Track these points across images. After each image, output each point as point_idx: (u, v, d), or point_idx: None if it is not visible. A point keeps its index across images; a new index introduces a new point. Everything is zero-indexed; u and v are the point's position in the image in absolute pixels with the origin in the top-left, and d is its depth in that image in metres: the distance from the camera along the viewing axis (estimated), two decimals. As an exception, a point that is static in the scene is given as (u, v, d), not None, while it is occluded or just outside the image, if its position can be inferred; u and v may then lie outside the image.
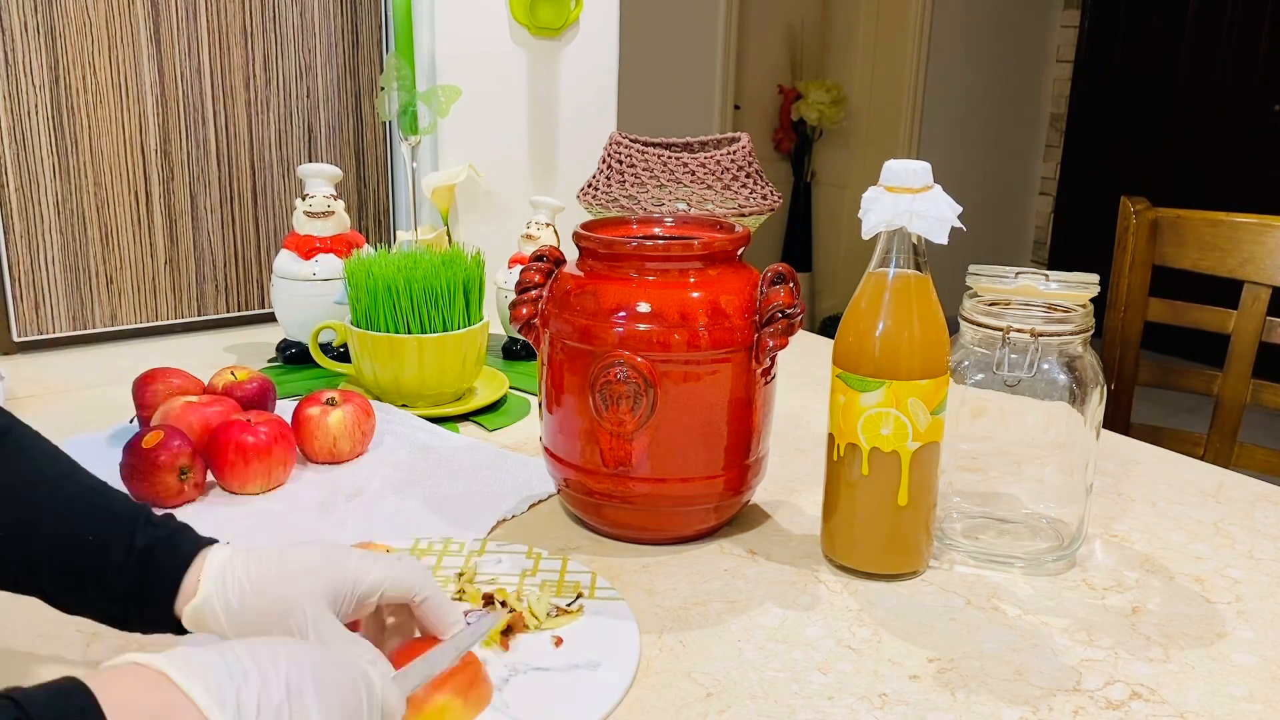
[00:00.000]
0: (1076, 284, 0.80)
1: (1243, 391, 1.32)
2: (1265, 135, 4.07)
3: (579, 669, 0.67)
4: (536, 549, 0.83)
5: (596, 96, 1.72)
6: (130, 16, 1.34)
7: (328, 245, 1.27)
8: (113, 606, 0.63)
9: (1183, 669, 0.70)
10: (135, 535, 0.62)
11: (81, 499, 0.64)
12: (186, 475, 0.89)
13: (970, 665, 0.70)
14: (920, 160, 0.75)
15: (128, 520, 0.63)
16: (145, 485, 0.87)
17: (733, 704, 0.65)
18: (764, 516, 0.91)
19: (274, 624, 0.60)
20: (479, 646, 0.67)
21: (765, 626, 0.74)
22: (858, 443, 0.78)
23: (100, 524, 0.63)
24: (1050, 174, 4.77)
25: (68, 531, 0.62)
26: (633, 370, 0.79)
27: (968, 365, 0.82)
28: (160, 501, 0.88)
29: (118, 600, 0.62)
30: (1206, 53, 4.21)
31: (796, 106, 4.26)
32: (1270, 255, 1.30)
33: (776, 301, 0.80)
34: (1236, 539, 0.89)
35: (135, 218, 1.39)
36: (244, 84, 1.44)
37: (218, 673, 0.49)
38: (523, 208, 1.39)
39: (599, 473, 0.83)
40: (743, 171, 1.23)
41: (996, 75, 4.51)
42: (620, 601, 0.76)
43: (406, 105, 1.37)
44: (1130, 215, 1.38)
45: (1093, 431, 0.82)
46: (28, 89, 1.30)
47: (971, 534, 0.85)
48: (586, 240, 0.84)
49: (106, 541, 0.62)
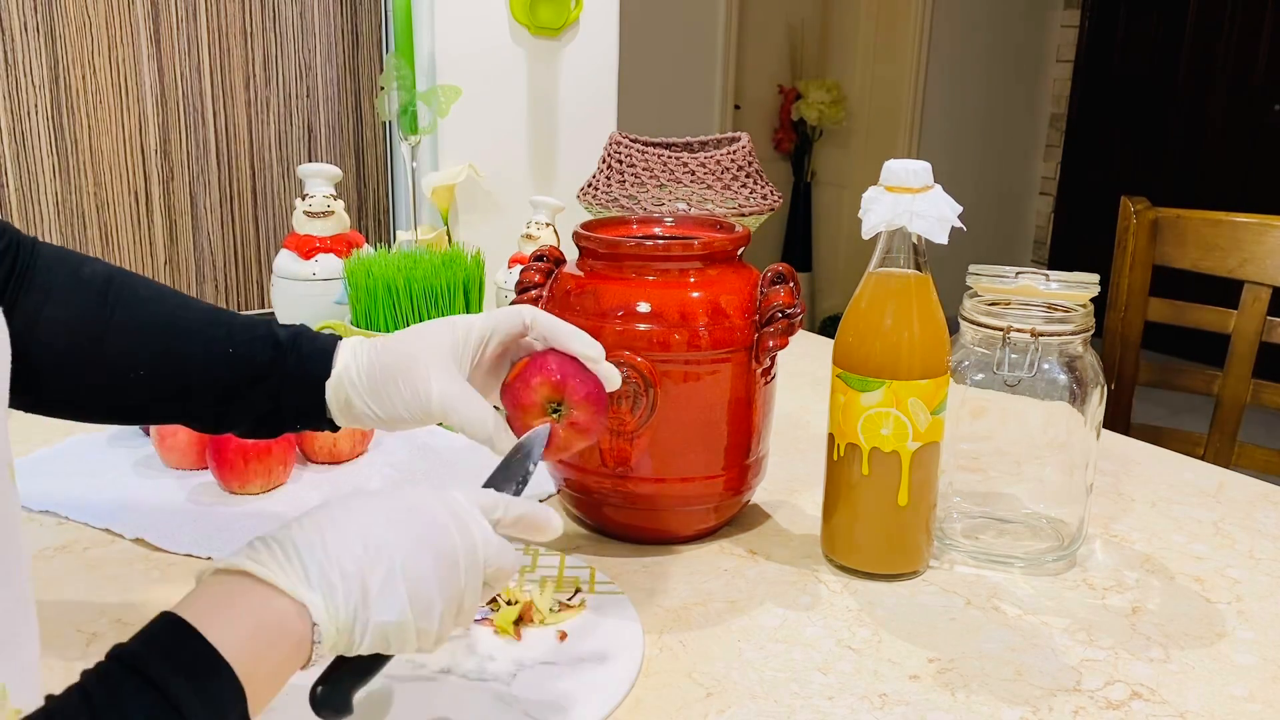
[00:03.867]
0: (1077, 284, 0.80)
1: (1243, 391, 1.32)
2: (1265, 135, 4.07)
3: (585, 663, 0.68)
4: (534, 546, 0.83)
5: (596, 96, 1.72)
6: (130, 16, 1.34)
7: (328, 245, 1.27)
8: (264, 404, 0.68)
9: (1183, 669, 0.70)
10: (274, 333, 0.69)
11: (206, 318, 0.69)
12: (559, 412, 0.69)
13: (970, 665, 0.70)
14: (920, 160, 0.75)
15: (256, 325, 0.70)
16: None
17: (733, 704, 0.65)
18: (764, 516, 0.91)
19: (401, 379, 0.65)
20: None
21: (765, 626, 0.74)
22: (858, 443, 0.78)
23: (234, 335, 0.68)
24: (1050, 174, 4.77)
25: (207, 350, 0.67)
26: (633, 370, 0.79)
27: (968, 365, 0.82)
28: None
29: (270, 396, 0.68)
30: (1206, 53, 4.21)
31: (796, 106, 4.26)
32: (1270, 255, 1.30)
33: (776, 301, 0.80)
34: (1237, 539, 0.89)
35: (135, 218, 1.39)
36: (244, 84, 1.44)
37: (297, 554, 0.50)
38: (523, 208, 1.39)
39: (599, 473, 0.83)
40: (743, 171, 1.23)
41: (996, 75, 4.51)
42: (621, 595, 0.76)
43: (406, 105, 1.37)
44: (1130, 215, 1.38)
45: (1093, 431, 0.82)
46: (28, 89, 1.30)
47: (971, 534, 0.85)
48: (586, 240, 0.84)
49: (249, 348, 0.68)
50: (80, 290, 0.67)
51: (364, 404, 0.67)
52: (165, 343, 0.68)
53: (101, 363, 0.66)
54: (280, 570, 0.49)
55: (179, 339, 0.68)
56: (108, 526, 0.85)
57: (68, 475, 0.94)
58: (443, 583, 0.53)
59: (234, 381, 0.68)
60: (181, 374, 0.68)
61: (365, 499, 0.54)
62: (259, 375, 0.68)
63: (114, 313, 0.67)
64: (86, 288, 0.67)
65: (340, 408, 0.68)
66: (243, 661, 0.46)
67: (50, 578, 0.78)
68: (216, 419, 0.70)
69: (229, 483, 0.91)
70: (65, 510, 0.88)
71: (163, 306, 0.69)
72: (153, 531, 0.84)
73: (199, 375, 0.68)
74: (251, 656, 0.47)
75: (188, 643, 0.46)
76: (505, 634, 0.70)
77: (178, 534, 0.84)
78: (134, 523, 0.85)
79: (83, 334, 0.66)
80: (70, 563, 0.81)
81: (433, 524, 0.53)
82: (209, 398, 0.68)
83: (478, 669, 0.67)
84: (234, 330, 0.69)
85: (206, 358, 0.68)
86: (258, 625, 0.48)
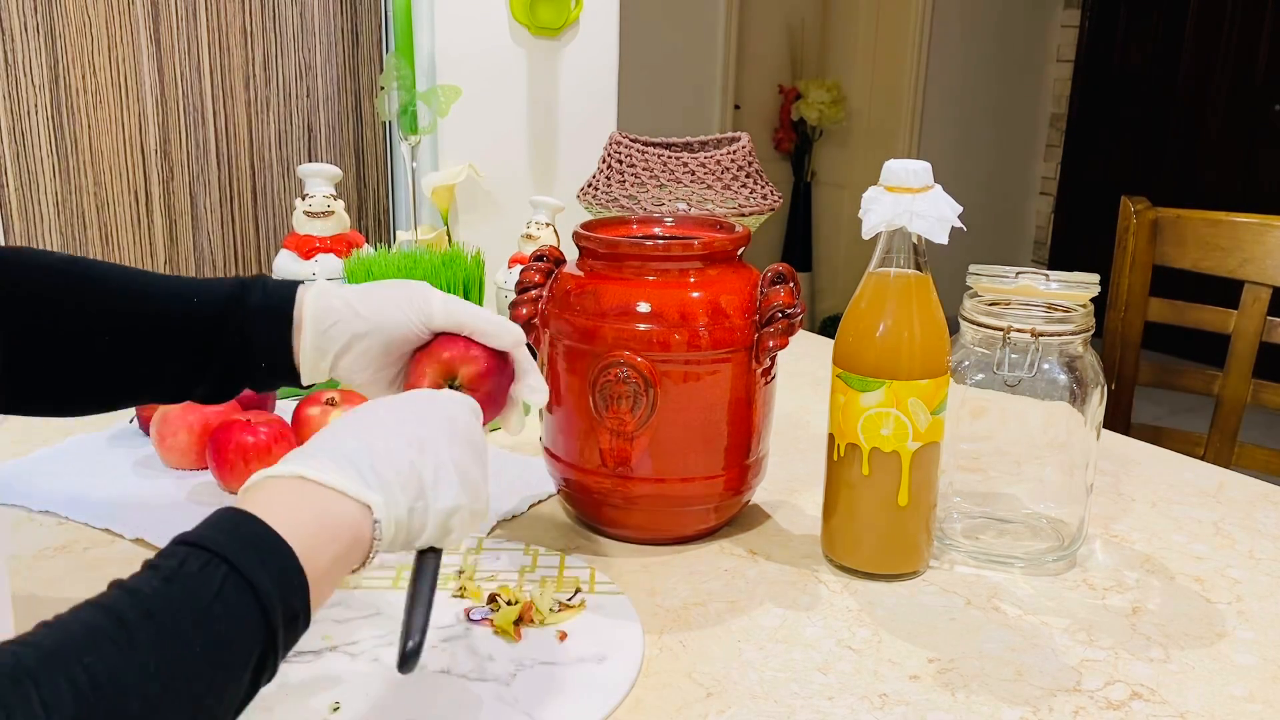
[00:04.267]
0: (1077, 284, 0.80)
1: (1243, 391, 1.32)
2: (1265, 135, 4.07)
3: (585, 663, 0.68)
4: (534, 545, 0.83)
5: (596, 96, 1.72)
6: (130, 16, 1.34)
7: (327, 245, 1.27)
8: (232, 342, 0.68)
9: (1183, 669, 0.70)
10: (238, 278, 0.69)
11: (170, 279, 0.70)
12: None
13: (970, 665, 0.70)
14: (920, 160, 0.75)
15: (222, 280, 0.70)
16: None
17: (733, 704, 0.65)
18: (764, 516, 0.91)
19: (395, 290, 0.67)
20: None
21: (765, 626, 0.74)
22: (858, 443, 0.78)
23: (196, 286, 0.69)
24: (1050, 174, 4.77)
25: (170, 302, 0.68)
26: (633, 370, 0.79)
27: (968, 365, 0.82)
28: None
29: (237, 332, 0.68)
30: (1206, 53, 4.21)
31: (796, 106, 4.26)
32: (1270, 255, 1.30)
33: (776, 301, 0.80)
34: (1237, 539, 0.89)
35: (135, 218, 1.39)
36: (244, 84, 1.44)
37: (347, 455, 0.52)
38: (523, 208, 1.39)
39: (599, 473, 0.83)
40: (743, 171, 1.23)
41: (996, 75, 4.51)
42: (621, 595, 0.76)
43: (406, 105, 1.37)
44: (1130, 215, 1.38)
45: (1093, 431, 0.82)
46: (28, 89, 1.30)
47: (971, 534, 0.85)
48: (586, 240, 0.84)
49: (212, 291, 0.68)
50: (44, 274, 0.68)
51: (349, 309, 0.67)
52: (129, 304, 0.68)
53: (69, 337, 0.67)
54: (339, 475, 0.51)
55: (142, 299, 0.68)
56: (108, 526, 0.85)
57: (68, 475, 0.94)
58: (481, 466, 0.59)
59: (200, 328, 0.68)
60: (146, 331, 0.68)
61: (386, 404, 0.58)
62: (224, 313, 0.68)
63: (79, 284, 0.68)
64: (50, 271, 0.68)
65: (313, 335, 0.68)
66: (304, 553, 0.48)
67: (50, 578, 0.78)
68: (183, 375, 0.69)
69: (229, 483, 0.91)
70: (65, 510, 0.87)
71: (126, 273, 0.70)
72: (153, 531, 0.84)
73: (164, 329, 0.68)
74: (312, 550, 0.49)
75: (252, 526, 0.48)
76: (505, 634, 0.70)
77: (177, 534, 0.84)
78: (134, 523, 0.85)
79: (48, 313, 0.67)
80: (70, 563, 0.81)
81: (456, 417, 0.59)
82: (176, 350, 0.68)
83: (478, 669, 0.67)
84: (197, 283, 0.70)
85: (169, 312, 0.68)
86: (320, 522, 0.50)
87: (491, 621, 0.71)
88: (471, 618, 0.72)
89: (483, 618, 0.72)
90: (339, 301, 0.68)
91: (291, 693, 0.63)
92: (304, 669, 0.66)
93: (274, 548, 0.47)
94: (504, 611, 0.71)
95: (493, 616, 0.72)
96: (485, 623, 0.72)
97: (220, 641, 0.44)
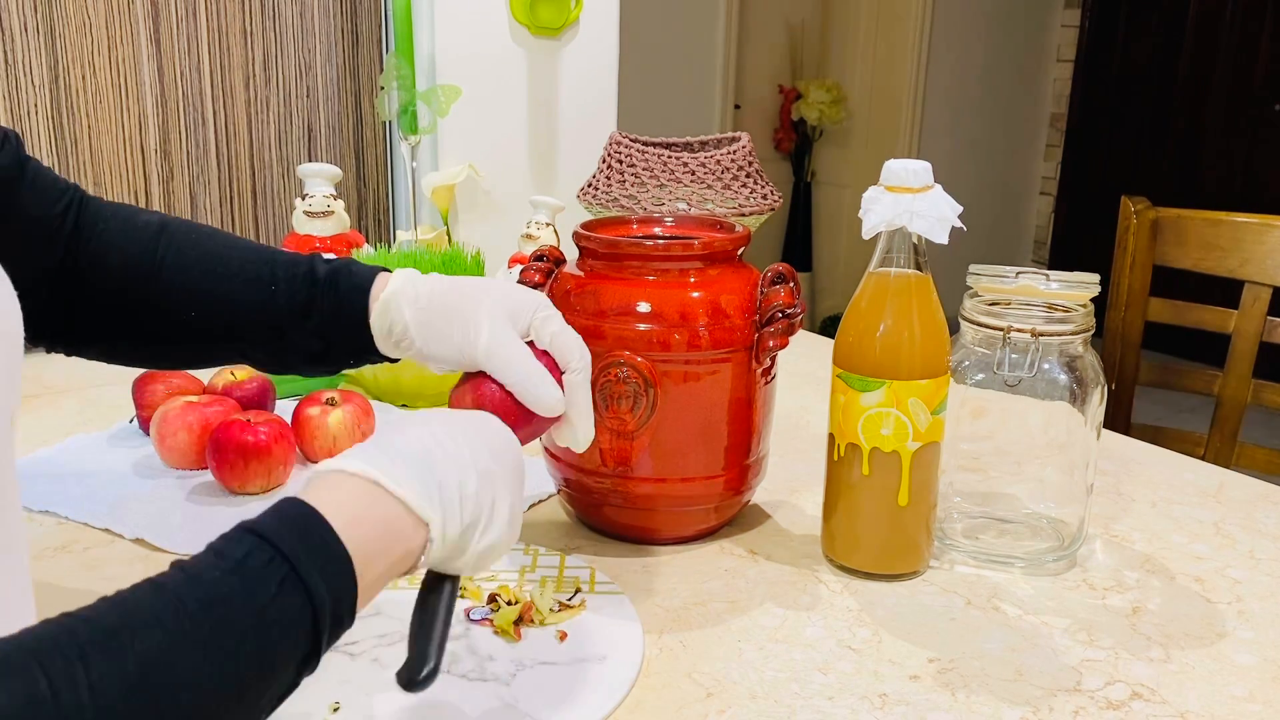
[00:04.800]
0: (1077, 284, 0.80)
1: (1243, 391, 1.32)
2: (1265, 135, 4.07)
3: (585, 663, 0.68)
4: (534, 545, 0.83)
5: (596, 96, 1.72)
6: (130, 16, 1.34)
7: (327, 245, 1.27)
8: (314, 343, 0.70)
9: (1183, 669, 0.70)
10: (314, 269, 0.70)
11: (251, 256, 0.71)
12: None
13: (970, 665, 0.70)
14: (920, 160, 0.75)
15: (299, 262, 0.71)
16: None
17: (733, 704, 0.65)
18: (764, 516, 0.91)
19: (455, 317, 0.65)
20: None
21: (765, 626, 0.74)
22: (858, 443, 0.78)
23: (276, 273, 0.70)
24: (1050, 174, 4.77)
25: (251, 290, 0.69)
26: (633, 370, 0.79)
27: (968, 365, 0.82)
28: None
29: (318, 335, 0.69)
30: (1206, 53, 4.21)
31: (796, 106, 4.26)
32: (1271, 255, 1.30)
33: (777, 301, 0.80)
34: (1237, 539, 0.89)
35: (135, 218, 1.40)
36: (244, 84, 1.44)
37: (418, 467, 0.52)
38: (523, 208, 1.39)
39: (599, 473, 0.83)
40: (743, 171, 1.23)
41: (996, 75, 4.51)
42: (621, 595, 0.76)
43: (406, 105, 1.37)
44: (1131, 215, 1.38)
45: (1093, 431, 0.82)
46: (28, 89, 1.30)
47: (972, 534, 0.85)
48: (587, 240, 0.84)
49: (290, 285, 0.69)
50: (134, 235, 0.70)
51: (409, 336, 0.68)
52: (212, 284, 0.70)
53: (155, 306, 0.69)
54: (409, 487, 0.52)
55: (225, 280, 0.70)
56: (108, 526, 0.85)
57: (68, 475, 0.94)
58: (522, 501, 0.59)
59: (279, 321, 0.69)
60: (230, 314, 0.70)
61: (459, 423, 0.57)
62: (303, 313, 0.69)
63: (165, 255, 0.70)
64: (141, 233, 0.70)
65: (385, 338, 0.69)
66: (360, 562, 0.49)
67: (50, 578, 0.78)
68: (272, 357, 0.72)
69: (229, 483, 0.91)
70: (65, 510, 0.87)
71: (212, 245, 0.71)
72: (152, 531, 0.84)
73: (246, 315, 0.70)
74: (368, 559, 0.49)
75: (320, 532, 0.48)
76: (505, 634, 0.70)
77: (178, 534, 0.84)
78: (134, 523, 0.85)
79: (137, 276, 0.69)
80: (70, 563, 0.81)
81: (510, 448, 0.59)
82: (259, 337, 0.70)
83: (478, 669, 0.67)
84: (277, 268, 0.71)
85: (251, 298, 0.69)
86: (380, 532, 0.50)
87: (491, 621, 0.71)
88: (471, 618, 0.72)
89: (483, 618, 0.72)
90: (400, 324, 0.68)
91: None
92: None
93: (336, 558, 0.48)
94: (504, 611, 0.71)
95: (493, 616, 0.72)
96: (485, 623, 0.72)
97: (270, 642, 0.45)
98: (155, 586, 0.43)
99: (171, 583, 0.43)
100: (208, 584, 0.44)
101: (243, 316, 0.70)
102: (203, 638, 0.42)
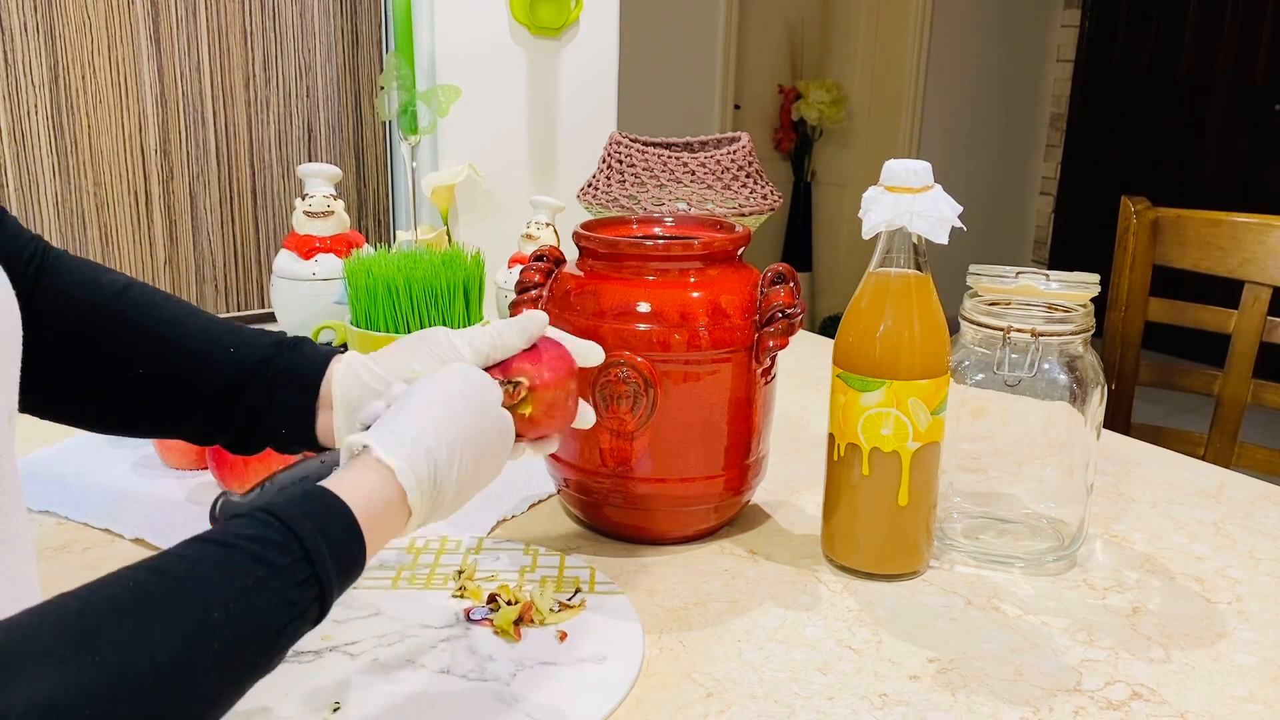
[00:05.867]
0: (1077, 284, 0.80)
1: (1243, 391, 1.32)
2: (1265, 135, 4.07)
3: (585, 663, 0.68)
4: (534, 545, 0.83)
5: (596, 96, 1.72)
6: (130, 16, 1.34)
7: (327, 245, 1.27)
8: (257, 400, 0.69)
9: (1183, 669, 0.70)
10: (280, 337, 0.71)
11: (215, 323, 0.71)
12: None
13: (970, 665, 0.70)
14: (920, 160, 0.75)
15: (265, 333, 0.72)
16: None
17: (733, 704, 0.65)
18: (764, 516, 0.91)
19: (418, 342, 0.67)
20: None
21: (765, 626, 0.74)
22: (858, 443, 0.78)
23: (237, 335, 0.70)
24: (1050, 174, 4.77)
25: (209, 348, 0.69)
26: (633, 370, 0.79)
27: (968, 365, 0.82)
28: None
29: (263, 392, 0.69)
30: (1206, 53, 4.21)
31: (796, 106, 4.26)
32: (1271, 255, 1.30)
33: (777, 301, 0.80)
34: (1237, 539, 0.89)
35: (135, 218, 1.39)
36: (244, 84, 1.44)
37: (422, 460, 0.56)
38: (523, 208, 1.39)
39: (599, 473, 0.83)
40: (743, 171, 1.23)
41: (996, 75, 4.51)
42: (621, 595, 0.76)
43: (406, 105, 1.37)
44: (1130, 215, 1.38)
45: (1093, 431, 0.82)
46: (28, 89, 1.30)
47: (972, 534, 0.85)
48: (587, 240, 0.84)
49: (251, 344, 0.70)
50: (97, 291, 0.69)
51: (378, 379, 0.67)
52: (169, 342, 0.69)
53: (108, 360, 0.68)
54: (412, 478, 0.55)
55: (183, 338, 0.69)
56: (108, 526, 0.85)
57: (68, 475, 0.94)
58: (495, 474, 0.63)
59: (230, 379, 0.69)
60: (180, 370, 0.69)
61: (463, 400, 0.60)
62: (255, 370, 0.69)
63: (125, 311, 0.69)
64: (104, 290, 0.69)
65: (345, 412, 0.68)
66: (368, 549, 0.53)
67: (50, 578, 0.78)
68: (207, 422, 0.70)
69: (229, 483, 0.91)
70: (65, 510, 0.88)
71: (175, 310, 0.71)
72: (152, 531, 0.84)
73: (197, 372, 0.69)
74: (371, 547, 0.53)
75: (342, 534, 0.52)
76: (505, 634, 0.70)
77: (178, 534, 0.84)
78: (134, 523, 0.85)
79: (93, 331, 0.68)
80: (70, 563, 0.81)
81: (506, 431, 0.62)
82: (204, 394, 0.69)
83: (478, 669, 0.67)
84: (239, 333, 0.71)
85: (207, 355, 0.69)
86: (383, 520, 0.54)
87: (491, 621, 0.71)
88: (471, 618, 0.72)
89: (483, 618, 0.72)
90: (366, 373, 0.68)
91: (291, 693, 0.63)
92: (304, 669, 0.66)
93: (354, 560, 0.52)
94: (504, 611, 0.71)
95: (493, 616, 0.72)
96: (485, 623, 0.72)
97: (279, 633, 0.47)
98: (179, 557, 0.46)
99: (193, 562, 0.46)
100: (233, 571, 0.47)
101: (193, 375, 0.69)
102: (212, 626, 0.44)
